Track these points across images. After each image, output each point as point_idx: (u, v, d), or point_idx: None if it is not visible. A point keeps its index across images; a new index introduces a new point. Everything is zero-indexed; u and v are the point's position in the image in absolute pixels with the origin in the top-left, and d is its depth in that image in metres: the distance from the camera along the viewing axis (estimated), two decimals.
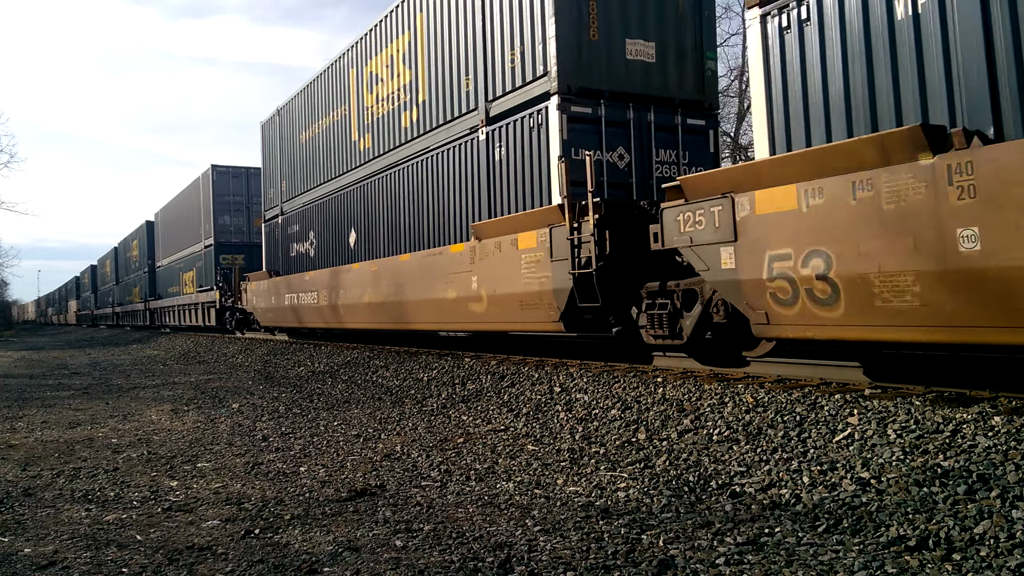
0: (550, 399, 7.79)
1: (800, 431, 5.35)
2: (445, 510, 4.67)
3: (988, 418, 4.78)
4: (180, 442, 7.42)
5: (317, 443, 7.10)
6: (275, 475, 5.83)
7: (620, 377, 7.81)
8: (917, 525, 3.78)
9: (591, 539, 3.98)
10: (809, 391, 6.14)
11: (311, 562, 3.80)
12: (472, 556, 3.79)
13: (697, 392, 6.69)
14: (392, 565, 3.72)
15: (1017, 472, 4.02)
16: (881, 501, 4.12)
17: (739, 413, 5.96)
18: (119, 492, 5.44)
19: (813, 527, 3.98)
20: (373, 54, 14.27)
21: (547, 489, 5.07)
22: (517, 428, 7.13)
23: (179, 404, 10.43)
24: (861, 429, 5.07)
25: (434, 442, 6.81)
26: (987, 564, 3.34)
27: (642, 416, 6.53)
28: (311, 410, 9.34)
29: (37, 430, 8.44)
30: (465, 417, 7.93)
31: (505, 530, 4.21)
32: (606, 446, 6.06)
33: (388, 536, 4.18)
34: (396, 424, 7.90)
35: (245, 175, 27.53)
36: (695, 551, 3.74)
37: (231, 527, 4.47)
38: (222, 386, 12.75)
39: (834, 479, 4.53)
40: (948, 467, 4.28)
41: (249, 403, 10.28)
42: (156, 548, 4.13)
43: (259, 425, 8.33)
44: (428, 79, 12.16)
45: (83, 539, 4.35)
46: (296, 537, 4.23)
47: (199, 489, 5.46)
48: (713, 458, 5.29)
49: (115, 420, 9.08)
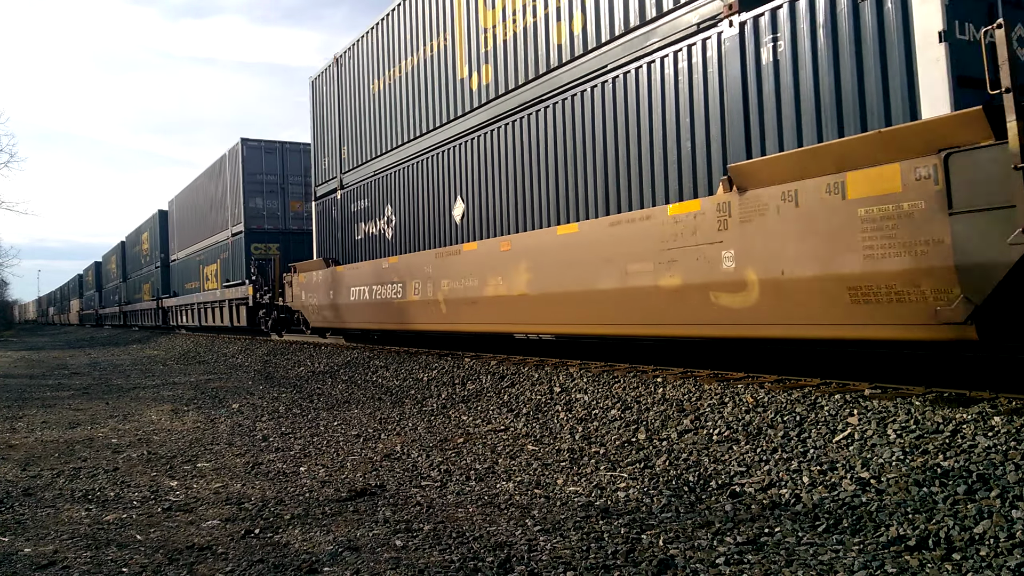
0: (550, 399, 7.79)
1: (800, 431, 5.35)
2: (445, 510, 4.67)
3: (988, 418, 4.78)
4: (180, 442, 7.42)
5: (317, 443, 7.10)
6: (275, 475, 5.83)
7: (620, 377, 7.81)
8: (917, 525, 3.78)
9: (591, 539, 3.98)
10: (809, 391, 6.14)
11: (311, 562, 3.80)
12: (472, 556, 3.79)
13: (697, 392, 6.69)
14: (392, 565, 3.72)
15: (1017, 472, 4.02)
16: (881, 501, 4.12)
17: (739, 413, 5.96)
18: (119, 492, 5.44)
19: (813, 527, 3.98)
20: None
21: (547, 489, 5.07)
22: (517, 428, 7.13)
23: (179, 404, 10.43)
24: (861, 429, 5.08)
25: (434, 442, 6.81)
26: (987, 564, 3.34)
27: (642, 416, 6.53)
28: (311, 410, 9.34)
29: (37, 430, 8.44)
30: (465, 417, 7.94)
31: (505, 530, 4.21)
32: (606, 446, 6.06)
33: (388, 536, 4.18)
34: (396, 424, 7.90)
35: (280, 151, 23.61)
36: (695, 551, 3.74)
37: (231, 527, 4.47)
38: (222, 386, 12.75)
39: (834, 479, 4.53)
40: (948, 467, 4.28)
41: (249, 403, 10.27)
42: (156, 548, 4.13)
43: (259, 425, 8.33)
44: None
45: (83, 539, 4.35)
46: (296, 537, 4.23)
47: (199, 489, 5.46)
48: (713, 458, 5.30)
49: (115, 420, 9.08)
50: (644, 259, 7.50)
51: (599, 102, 8.61)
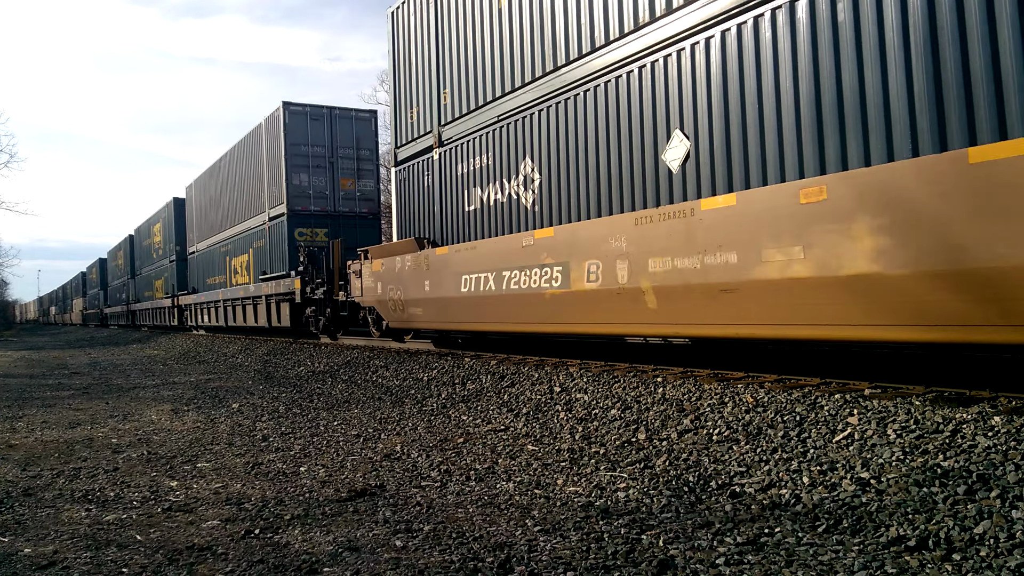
0: (550, 399, 7.79)
1: (800, 431, 5.35)
2: (445, 510, 4.67)
3: (988, 418, 4.78)
4: (180, 442, 7.42)
5: (317, 443, 7.10)
6: (275, 475, 5.83)
7: (620, 377, 7.81)
8: (917, 525, 3.78)
9: (591, 539, 3.98)
10: (809, 391, 6.14)
11: (311, 562, 3.80)
12: (472, 556, 3.79)
13: (697, 392, 6.69)
14: (392, 565, 3.72)
15: (1017, 472, 4.02)
16: (881, 501, 4.12)
17: (739, 413, 5.96)
18: (119, 492, 5.44)
19: (813, 527, 3.98)
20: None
21: (547, 489, 5.07)
22: (517, 428, 7.13)
23: (179, 404, 10.43)
24: (861, 429, 5.08)
25: (434, 442, 6.81)
26: (987, 564, 3.34)
27: (642, 416, 6.53)
28: (311, 410, 9.34)
29: (37, 430, 8.44)
30: (465, 417, 7.94)
31: (505, 530, 4.21)
32: (606, 446, 6.06)
33: (388, 536, 4.18)
34: (396, 424, 7.90)
35: (328, 117, 19.67)
36: (695, 551, 3.74)
37: (231, 527, 4.47)
38: (222, 386, 12.75)
39: (834, 479, 4.53)
40: (948, 467, 4.28)
41: (249, 403, 10.28)
42: (156, 548, 4.13)
43: (259, 425, 8.33)
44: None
45: (83, 539, 4.35)
46: (296, 537, 4.23)
47: (199, 489, 5.46)
48: (713, 458, 5.30)
49: (115, 420, 9.08)
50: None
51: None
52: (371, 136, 20.38)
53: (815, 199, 5.81)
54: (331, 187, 19.72)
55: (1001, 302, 4.82)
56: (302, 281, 17.61)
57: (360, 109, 20.68)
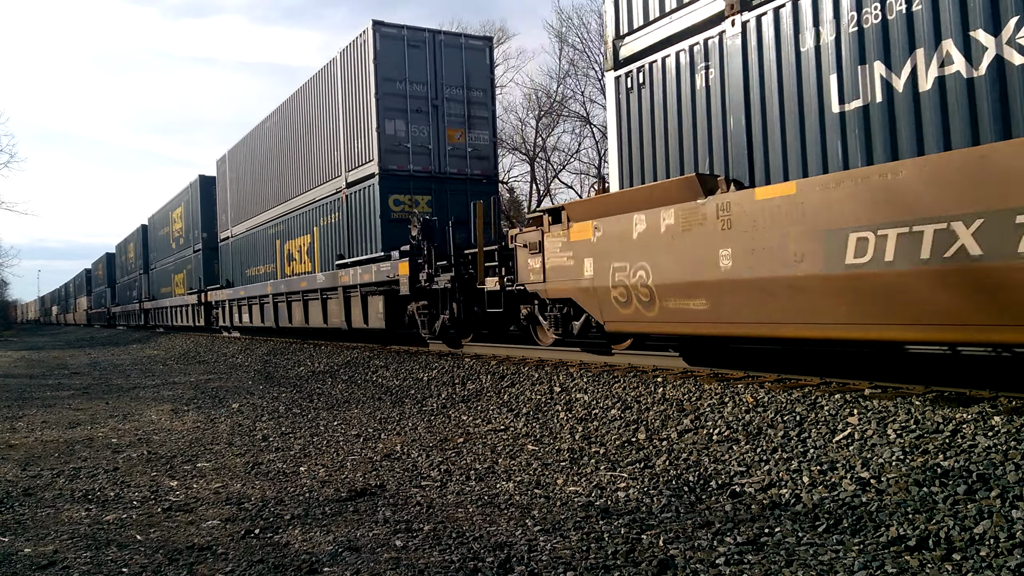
0: (550, 399, 7.79)
1: (800, 431, 5.35)
2: (445, 510, 4.67)
3: (988, 418, 4.78)
4: (180, 442, 7.42)
5: (317, 443, 7.10)
6: (275, 475, 5.83)
7: (620, 377, 7.81)
8: (917, 525, 3.78)
9: (591, 539, 3.98)
10: (809, 391, 6.14)
11: (311, 562, 3.80)
12: (472, 556, 3.79)
13: (697, 392, 6.69)
14: (392, 565, 3.72)
15: (1017, 472, 4.02)
16: (881, 501, 4.12)
17: (739, 413, 5.96)
18: (119, 492, 5.44)
19: (813, 527, 3.98)
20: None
21: (547, 489, 5.07)
22: (517, 428, 7.13)
23: (179, 404, 10.43)
24: (861, 429, 5.08)
25: (434, 442, 6.81)
26: (987, 564, 3.34)
27: (642, 416, 6.53)
28: (311, 410, 9.34)
29: (37, 430, 8.44)
30: (465, 417, 7.94)
31: (505, 530, 4.21)
32: (606, 446, 6.06)
33: (388, 536, 4.18)
34: (396, 424, 7.90)
35: (431, 43, 14.45)
36: (695, 551, 3.74)
37: (231, 527, 4.47)
38: (222, 386, 12.75)
39: (834, 479, 4.53)
40: (948, 467, 4.28)
41: (249, 403, 10.28)
42: (156, 548, 4.13)
43: (259, 425, 8.33)
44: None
45: (83, 539, 4.35)
46: (296, 537, 4.23)
47: (199, 489, 5.46)
48: (713, 458, 5.29)
49: (115, 420, 9.08)
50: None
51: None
52: (485, 72, 15.10)
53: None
54: (436, 140, 14.51)
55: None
56: (412, 265, 12.64)
57: (470, 35, 15.45)
